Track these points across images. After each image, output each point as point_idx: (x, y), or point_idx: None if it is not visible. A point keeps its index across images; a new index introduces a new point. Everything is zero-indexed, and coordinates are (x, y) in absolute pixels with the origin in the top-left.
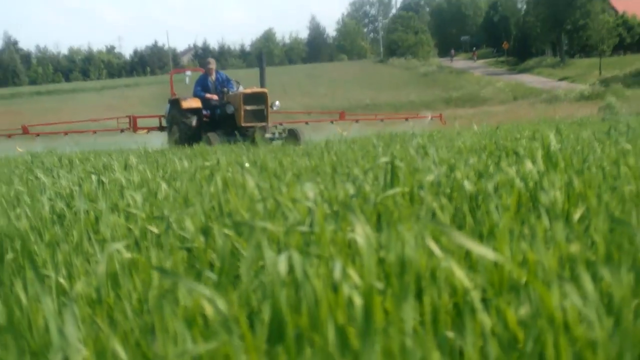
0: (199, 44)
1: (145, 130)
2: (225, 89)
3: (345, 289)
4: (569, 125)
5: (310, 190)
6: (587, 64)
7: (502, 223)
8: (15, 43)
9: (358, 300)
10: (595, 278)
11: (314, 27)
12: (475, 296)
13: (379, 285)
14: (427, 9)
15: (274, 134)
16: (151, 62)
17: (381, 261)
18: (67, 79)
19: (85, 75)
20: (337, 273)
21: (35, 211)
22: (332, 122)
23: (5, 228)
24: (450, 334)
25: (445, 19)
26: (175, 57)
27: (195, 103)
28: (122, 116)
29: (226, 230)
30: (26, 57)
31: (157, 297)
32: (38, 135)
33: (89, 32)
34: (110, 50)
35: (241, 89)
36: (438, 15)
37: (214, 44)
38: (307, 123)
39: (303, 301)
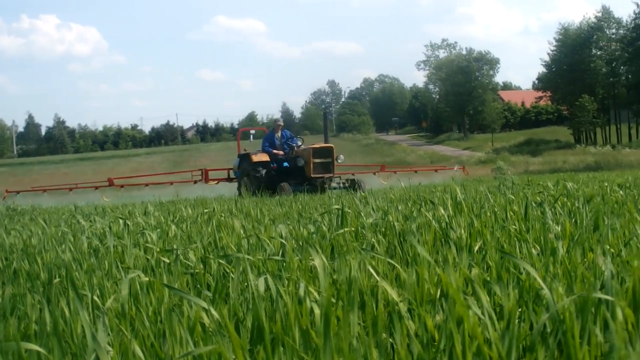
0: (200, 122)
1: (216, 181)
2: (293, 145)
3: (308, 302)
4: (470, 182)
5: (282, 230)
6: (482, 138)
7: (422, 253)
8: (63, 122)
9: (317, 311)
10: (490, 293)
11: (285, 110)
12: (403, 307)
13: (333, 299)
14: (367, 98)
15: (338, 183)
16: (165, 136)
17: (334, 281)
18: (102, 149)
19: (116, 146)
20: (301, 291)
21: (77, 246)
22: (374, 173)
23: (54, 259)
24: (385, 336)
25: (380, 105)
26: (182, 132)
27: (264, 157)
28: (196, 169)
29: (219, 260)
30: (71, 132)
31: (167, 309)
32: (122, 186)
33: (119, 113)
34: (134, 127)
35: (301, 144)
36: (375, 102)
37: (211, 123)
38: (353, 174)
39: (277, 312)
